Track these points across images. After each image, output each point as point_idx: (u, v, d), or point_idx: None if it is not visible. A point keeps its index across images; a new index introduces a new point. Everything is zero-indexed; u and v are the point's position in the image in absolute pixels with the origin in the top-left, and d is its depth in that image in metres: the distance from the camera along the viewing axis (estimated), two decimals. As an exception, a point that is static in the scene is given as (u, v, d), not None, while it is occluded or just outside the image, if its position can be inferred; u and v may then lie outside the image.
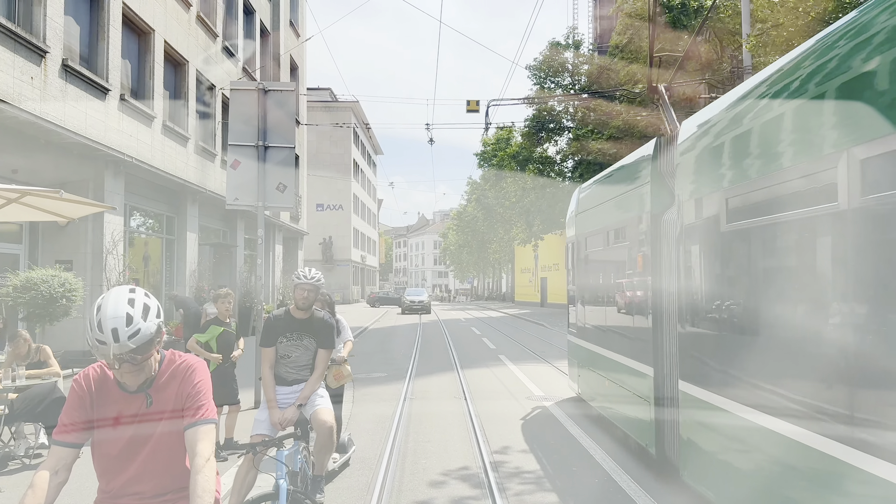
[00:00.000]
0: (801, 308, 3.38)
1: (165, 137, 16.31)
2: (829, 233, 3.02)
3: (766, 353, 3.65)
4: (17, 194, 6.54)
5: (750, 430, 3.73)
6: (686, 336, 4.87)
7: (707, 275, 4.54)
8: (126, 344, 2.11)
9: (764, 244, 3.72)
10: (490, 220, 52.63)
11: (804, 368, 3.27)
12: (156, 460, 2.32)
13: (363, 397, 9.77)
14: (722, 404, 4.14)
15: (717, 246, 4.34)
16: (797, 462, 3.28)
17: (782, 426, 3.38)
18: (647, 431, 5.84)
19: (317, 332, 4.66)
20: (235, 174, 9.28)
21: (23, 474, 6.00)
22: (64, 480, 2.22)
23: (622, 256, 6.74)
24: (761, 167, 3.66)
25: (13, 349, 6.65)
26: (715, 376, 4.32)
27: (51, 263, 11.78)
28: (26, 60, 10.84)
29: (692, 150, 4.80)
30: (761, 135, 3.71)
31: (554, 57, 30.95)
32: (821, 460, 3.04)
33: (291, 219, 28.93)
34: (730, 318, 4.10)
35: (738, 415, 3.89)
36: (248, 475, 4.12)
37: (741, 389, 3.90)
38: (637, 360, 6.12)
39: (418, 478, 5.91)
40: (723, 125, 4.29)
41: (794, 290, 3.42)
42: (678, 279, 5.05)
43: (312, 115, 45.59)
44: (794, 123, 3.38)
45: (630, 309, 6.43)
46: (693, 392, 4.66)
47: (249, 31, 23.96)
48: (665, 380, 5.51)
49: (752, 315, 3.84)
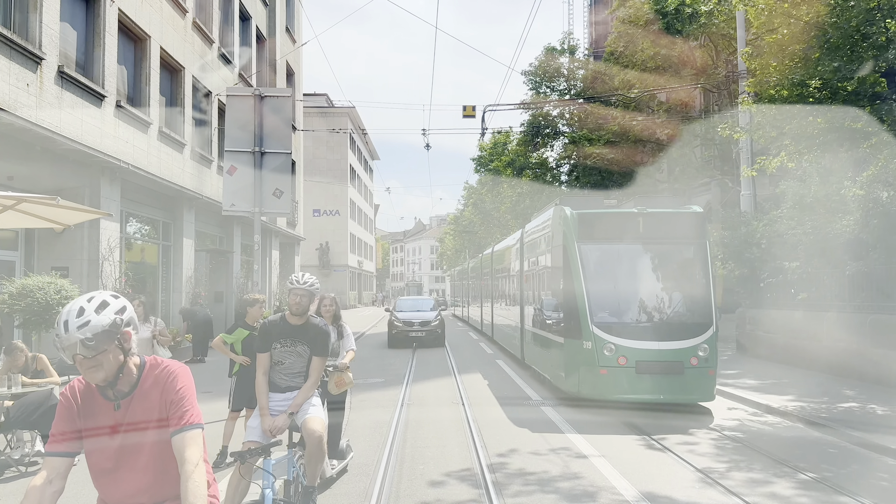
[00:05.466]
0: (506, 286, 17.27)
1: (162, 144, 16.29)
2: (510, 273, 16.49)
3: (530, 305, 13.20)
4: (13, 201, 6.52)
5: (522, 335, 14.02)
6: (528, 305, 13.09)
7: (519, 281, 14.87)
8: (74, 334, 2.13)
9: (508, 273, 16.90)
10: (487, 225, 52.66)
11: (512, 304, 15.61)
12: (149, 469, 2.31)
13: (360, 403, 9.74)
14: (533, 331, 12.61)
15: (516, 272, 15.21)
16: (531, 336, 12.85)
17: (526, 328, 13.43)
18: (518, 349, 14.54)
19: (311, 340, 4.59)
20: (232, 180, 9.28)
21: (19, 482, 5.97)
22: (59, 489, 2.22)
23: (508, 272, 17.10)
24: (516, 252, 15.26)
25: (10, 360, 6.61)
26: (537, 321, 12.07)
27: (47, 270, 11.74)
28: (22, 67, 10.83)
29: (528, 239, 14.16)
30: (515, 250, 15.57)
31: (549, 62, 31.00)
32: (525, 328, 13.49)
33: (288, 224, 28.90)
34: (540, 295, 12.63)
35: (531, 331, 12.62)
36: (239, 484, 4.07)
37: (537, 327, 12.07)
38: (512, 318, 15.75)
39: (416, 484, 5.89)
40: (515, 241, 15.79)
41: (506, 284, 17.30)
42: (521, 283, 14.59)
43: (309, 120, 45.60)
44: (507, 254, 17.06)
45: (510, 295, 16.33)
46: (528, 328, 12.79)
47: (245, 38, 23.99)
48: (521, 322, 13.89)
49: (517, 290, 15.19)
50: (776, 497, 5.48)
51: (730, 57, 24.08)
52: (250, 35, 24.29)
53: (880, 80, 11.24)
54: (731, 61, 23.59)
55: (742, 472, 6.17)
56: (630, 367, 8.86)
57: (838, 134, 11.35)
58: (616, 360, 8.89)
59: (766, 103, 12.65)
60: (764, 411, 9.13)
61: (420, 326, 19.29)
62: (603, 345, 8.96)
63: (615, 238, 9.77)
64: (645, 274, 9.78)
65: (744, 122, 15.46)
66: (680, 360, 8.90)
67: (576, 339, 9.34)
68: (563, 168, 33.84)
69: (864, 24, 10.91)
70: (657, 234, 9.83)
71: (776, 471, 6.25)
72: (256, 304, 6.74)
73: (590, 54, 38.77)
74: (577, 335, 9.31)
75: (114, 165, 13.46)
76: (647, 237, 9.77)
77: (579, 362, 9.30)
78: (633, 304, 9.44)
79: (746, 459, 6.65)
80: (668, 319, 9.33)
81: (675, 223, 10.00)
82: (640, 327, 9.19)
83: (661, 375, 8.87)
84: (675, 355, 8.91)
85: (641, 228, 9.73)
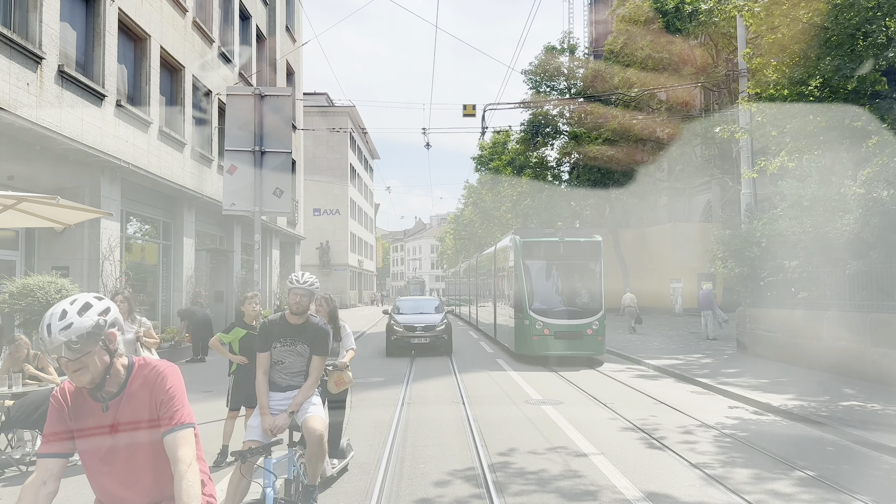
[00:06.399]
0: (484, 287, 23.14)
1: (162, 143, 16.30)
2: (486, 278, 22.45)
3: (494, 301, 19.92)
4: (13, 200, 6.52)
5: (494, 320, 19.80)
6: (499, 299, 18.95)
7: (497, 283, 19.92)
8: (57, 337, 2.13)
9: (486, 277, 22.64)
10: (487, 224, 52.63)
11: (501, 299, 18.77)
12: (142, 469, 2.31)
13: (361, 402, 9.75)
14: (500, 316, 18.69)
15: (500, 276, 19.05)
16: (499, 320, 18.84)
17: (497, 315, 19.32)
18: (492, 330, 20.12)
19: (311, 339, 4.60)
20: (232, 179, 9.28)
21: (20, 482, 5.97)
22: (53, 491, 2.22)
23: (485, 276, 22.95)
24: (489, 262, 21.67)
25: (12, 353, 6.63)
26: (500, 311, 18.54)
27: (47, 270, 11.75)
28: (22, 67, 10.83)
29: (496, 254, 19.99)
30: (488, 261, 21.85)
31: (549, 61, 31.01)
32: (496, 316, 19.45)
33: (288, 224, 28.91)
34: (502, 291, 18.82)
35: (502, 316, 18.11)
36: (240, 483, 4.07)
37: (508, 312, 16.59)
38: (489, 307, 20.76)
39: (417, 483, 5.89)
40: (490, 253, 21.73)
41: (484, 285, 23.31)
42: (494, 286, 20.33)
43: (309, 119, 45.59)
44: (484, 263, 23.46)
45: (489, 292, 20.89)
46: (498, 315, 18.95)
47: (245, 37, 23.98)
48: (509, 314, 16.24)
49: (490, 290, 21.25)
50: (777, 495, 5.49)
51: (730, 55, 24.06)
52: (250, 34, 24.28)
53: (880, 78, 11.23)
54: (732, 60, 23.58)
55: (742, 470, 6.18)
56: (551, 335, 14.70)
57: (838, 132, 11.36)
58: (543, 332, 14.76)
59: (766, 102, 12.64)
60: (764, 410, 9.14)
61: (423, 332, 16.74)
62: (536, 322, 14.83)
63: (545, 257, 15.62)
64: (562, 279, 15.66)
65: (744, 121, 15.45)
66: (580, 330, 14.71)
67: (521, 320, 15.13)
68: (563, 167, 33.84)
69: (865, 23, 10.91)
70: (571, 254, 15.61)
71: (777, 469, 6.25)
72: (247, 300, 6.73)
73: (590, 53, 38.74)
74: (522, 317, 15.11)
75: (114, 165, 13.46)
76: (564, 256, 15.60)
77: (522, 333, 15.13)
78: (555, 298, 15.36)
79: (747, 457, 6.65)
80: (575, 307, 15.11)
81: (582, 248, 15.63)
82: (558, 311, 14.96)
83: (570, 339, 14.68)
84: (578, 327, 14.73)
85: (562, 251, 15.60)
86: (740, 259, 14.84)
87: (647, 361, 14.24)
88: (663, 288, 32.01)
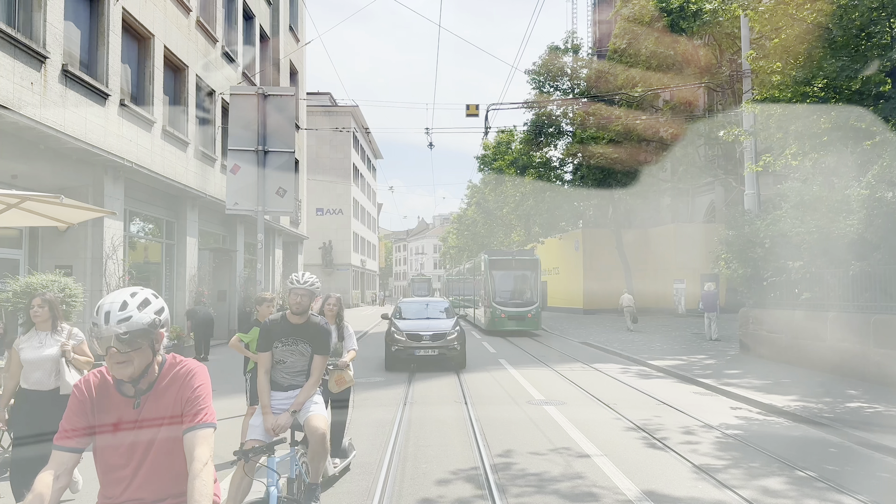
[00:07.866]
0: (469, 288, 32.47)
1: (165, 142, 16.33)
2: (469, 281, 32.48)
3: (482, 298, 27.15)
4: (17, 199, 6.54)
5: (474, 311, 29.95)
6: (476, 295, 28.96)
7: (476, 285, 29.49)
8: (114, 327, 2.14)
9: (468, 281, 33.03)
10: (490, 224, 52.61)
11: (477, 295, 28.34)
12: (156, 465, 2.31)
13: (363, 402, 9.76)
14: (476, 307, 28.88)
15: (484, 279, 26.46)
16: (477, 310, 28.73)
17: (475, 306, 29.65)
18: (472, 318, 30.22)
19: (312, 338, 4.61)
20: (235, 179, 9.29)
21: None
22: (65, 485, 2.23)
23: (468, 280, 32.60)
24: (470, 271, 32.24)
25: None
26: (477, 303, 28.86)
27: (51, 269, 11.77)
28: (26, 66, 10.86)
29: (474, 266, 30.46)
30: (469, 270, 32.96)
31: (553, 61, 30.95)
32: (474, 307, 29.69)
33: (291, 223, 28.94)
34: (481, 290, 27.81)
35: (478, 306, 28.15)
36: (242, 482, 4.07)
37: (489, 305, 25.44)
38: (475, 304, 29.42)
39: (419, 482, 5.90)
40: (472, 264, 32.25)
41: (469, 286, 32.48)
42: (473, 287, 30.05)
43: (312, 119, 45.63)
44: (467, 270, 34.23)
45: (470, 292, 31.94)
46: (477, 307, 28.61)
47: (249, 37, 24.01)
48: (482, 304, 26.34)
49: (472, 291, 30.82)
50: (778, 495, 5.48)
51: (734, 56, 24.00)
52: (254, 34, 24.31)
53: (885, 79, 11.20)
54: (735, 60, 23.52)
55: (745, 471, 6.17)
56: (506, 317, 23.82)
57: (843, 133, 11.33)
58: (500, 315, 23.87)
59: (770, 103, 12.62)
60: (767, 411, 9.12)
61: (431, 341, 13.89)
62: (496, 309, 24.04)
63: (504, 268, 24.90)
64: (514, 283, 24.77)
65: (748, 123, 15.42)
66: (523, 315, 23.80)
67: (488, 308, 24.46)
68: (566, 167, 33.79)
69: (869, 23, 10.88)
70: (520, 266, 25.03)
71: (778, 470, 6.24)
72: (265, 302, 6.80)
73: (593, 53, 38.68)
74: (489, 306, 24.41)
75: (117, 164, 13.49)
76: (516, 267, 25.00)
77: (489, 316, 24.45)
78: (508, 294, 24.47)
79: (749, 458, 6.64)
80: (520, 300, 24.27)
81: (526, 262, 25.19)
82: (510, 302, 24.17)
83: (517, 319, 23.77)
84: (522, 313, 23.85)
85: (514, 264, 25.14)
86: (743, 260, 14.80)
87: (650, 362, 14.22)
88: (666, 288, 31.98)
